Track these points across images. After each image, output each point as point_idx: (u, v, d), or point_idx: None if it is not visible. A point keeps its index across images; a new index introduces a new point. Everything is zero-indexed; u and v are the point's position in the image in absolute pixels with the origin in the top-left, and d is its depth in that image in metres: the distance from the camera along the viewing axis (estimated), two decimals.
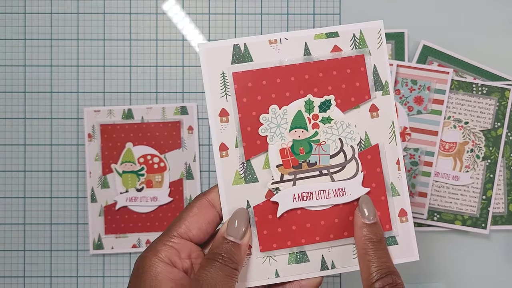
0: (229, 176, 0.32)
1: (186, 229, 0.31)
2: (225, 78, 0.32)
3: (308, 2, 0.62)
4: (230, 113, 0.32)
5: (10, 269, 0.63)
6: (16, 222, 0.63)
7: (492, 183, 0.60)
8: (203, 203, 0.32)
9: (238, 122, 0.32)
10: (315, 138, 0.33)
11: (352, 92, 0.33)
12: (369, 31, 0.33)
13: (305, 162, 0.33)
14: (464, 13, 0.62)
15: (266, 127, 0.32)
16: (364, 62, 0.33)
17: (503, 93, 0.60)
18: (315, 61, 0.33)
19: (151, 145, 0.61)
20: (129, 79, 0.63)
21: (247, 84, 0.32)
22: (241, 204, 0.33)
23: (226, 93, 0.32)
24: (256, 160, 0.33)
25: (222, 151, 0.32)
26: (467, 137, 0.61)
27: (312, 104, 0.33)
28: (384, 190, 0.33)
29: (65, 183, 0.63)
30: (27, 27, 0.63)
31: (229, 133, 0.32)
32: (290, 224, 0.33)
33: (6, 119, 0.63)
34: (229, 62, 0.33)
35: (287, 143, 0.33)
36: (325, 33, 0.33)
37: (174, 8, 0.63)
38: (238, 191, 0.32)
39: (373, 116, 0.33)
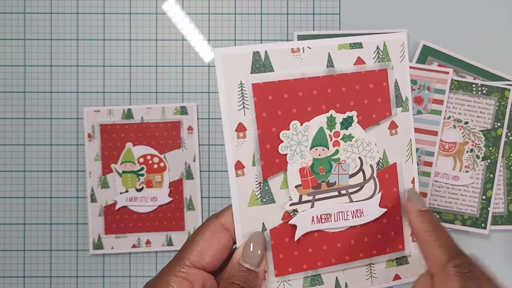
0: (245, 197, 0.30)
1: (199, 257, 0.28)
2: (244, 89, 0.29)
3: (308, 2, 0.62)
4: (248, 129, 0.29)
5: (10, 269, 0.63)
6: (16, 222, 0.63)
7: (492, 183, 0.60)
8: (216, 226, 0.29)
9: (256, 138, 0.29)
10: (336, 156, 0.31)
11: (373, 108, 0.31)
12: (393, 43, 0.32)
13: (324, 182, 0.31)
14: (464, 13, 0.62)
15: (286, 145, 0.30)
16: (387, 76, 0.31)
17: (502, 93, 0.60)
18: (339, 74, 0.30)
19: (151, 145, 0.61)
20: (129, 79, 0.63)
21: (267, 97, 0.29)
22: (257, 227, 0.30)
23: (244, 106, 0.29)
24: (273, 180, 0.30)
25: (238, 170, 0.29)
26: (467, 137, 0.61)
27: (334, 120, 0.30)
28: (399, 210, 0.32)
29: (65, 183, 0.63)
30: (27, 27, 0.63)
31: (246, 150, 0.29)
32: (307, 247, 0.31)
33: (6, 119, 0.63)
34: (248, 71, 0.29)
35: (307, 162, 0.30)
36: (349, 43, 0.31)
37: (174, 8, 0.63)
38: (253, 213, 0.30)
39: (392, 133, 0.32)
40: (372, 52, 0.31)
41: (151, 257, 0.62)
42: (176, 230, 0.62)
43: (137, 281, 0.62)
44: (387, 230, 0.32)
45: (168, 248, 0.61)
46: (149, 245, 0.62)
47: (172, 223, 0.62)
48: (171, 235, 0.62)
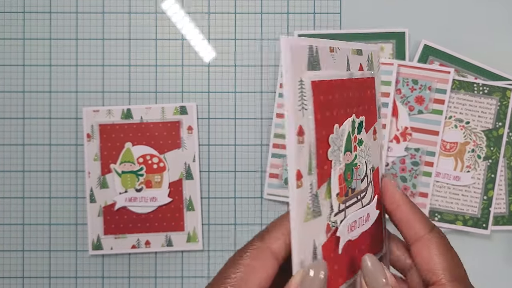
0: (301, 211, 0.25)
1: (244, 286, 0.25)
2: (303, 87, 0.25)
3: (309, 1, 0.62)
4: (307, 133, 0.25)
5: (9, 270, 0.63)
6: (15, 223, 0.63)
7: (494, 183, 0.60)
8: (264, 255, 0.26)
9: (314, 143, 0.26)
10: (355, 161, 0.29)
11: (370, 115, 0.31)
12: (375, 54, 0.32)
13: (350, 188, 0.29)
14: (466, 13, 0.62)
15: (333, 150, 0.27)
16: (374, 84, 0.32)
17: (504, 93, 0.60)
18: (355, 79, 0.29)
19: (151, 145, 0.61)
20: (128, 78, 0.62)
21: (320, 97, 0.26)
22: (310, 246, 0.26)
23: (303, 106, 0.25)
24: (321, 190, 0.26)
25: (298, 181, 0.25)
26: (468, 137, 0.60)
27: (355, 124, 0.29)
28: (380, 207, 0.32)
29: (64, 183, 0.63)
30: (25, 27, 0.63)
31: (304, 157, 0.25)
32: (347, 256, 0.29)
33: (4, 119, 0.63)
34: (305, 67, 0.25)
35: (342, 168, 0.28)
36: (356, 49, 0.30)
37: (173, 7, 0.63)
38: (307, 229, 0.26)
39: (374, 138, 0.32)
40: (366, 60, 0.31)
41: (150, 258, 0.62)
42: (175, 231, 0.61)
43: (137, 281, 0.62)
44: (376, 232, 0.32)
45: (167, 249, 0.61)
46: (148, 246, 0.61)
47: (171, 223, 0.61)
48: (171, 235, 0.61)
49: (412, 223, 0.30)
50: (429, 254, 0.29)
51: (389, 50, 0.61)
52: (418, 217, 0.30)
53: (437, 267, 0.28)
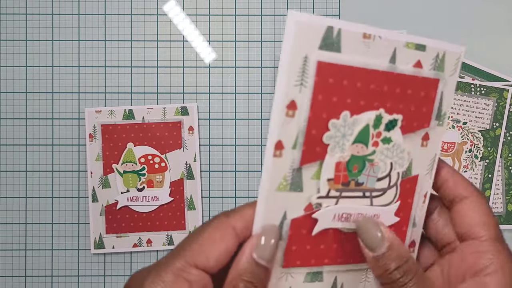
0: (276, 180, 0.27)
1: (203, 257, 0.25)
2: (306, 64, 0.26)
3: (308, 3, 0.62)
4: (299, 108, 0.26)
5: (11, 269, 0.63)
6: (18, 222, 0.63)
7: (491, 183, 0.60)
8: (227, 229, 0.26)
9: (306, 121, 0.26)
10: (371, 157, 0.29)
11: (417, 117, 0.29)
12: (451, 55, 0.30)
13: (354, 180, 0.28)
14: (464, 14, 0.62)
15: (332, 135, 0.27)
16: (437, 87, 0.29)
17: (501, 94, 0.60)
18: (398, 73, 0.28)
19: (152, 145, 0.61)
20: (130, 79, 0.63)
21: (328, 79, 0.26)
22: (278, 215, 0.27)
23: (303, 83, 0.26)
24: (307, 168, 0.27)
25: (277, 150, 0.26)
26: (465, 137, 0.61)
27: (381, 120, 0.28)
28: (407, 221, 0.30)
29: (66, 183, 0.63)
30: (28, 28, 0.63)
31: (291, 131, 0.26)
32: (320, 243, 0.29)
33: (8, 119, 0.63)
34: (316, 45, 0.26)
35: (345, 157, 0.28)
36: (415, 43, 0.29)
37: (174, 9, 0.63)
38: (279, 198, 0.27)
39: (423, 145, 0.30)
40: (432, 58, 0.29)
41: (152, 257, 0.63)
42: (176, 230, 0.62)
43: None
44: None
45: (169, 248, 0.62)
46: (150, 245, 0.62)
47: (173, 222, 0.62)
48: (172, 234, 0.62)
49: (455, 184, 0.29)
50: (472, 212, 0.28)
51: None
52: (460, 179, 0.30)
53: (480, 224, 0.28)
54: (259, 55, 0.62)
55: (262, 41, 0.62)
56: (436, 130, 0.30)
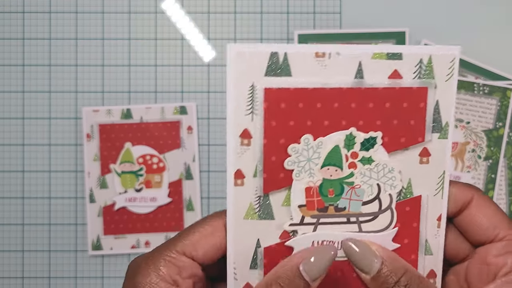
0: (242, 208, 0.27)
1: (191, 247, 0.27)
2: (255, 92, 0.26)
3: (309, 1, 0.62)
4: (254, 136, 0.26)
5: (8, 270, 0.63)
6: (15, 223, 0.63)
7: (494, 184, 0.60)
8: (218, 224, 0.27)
9: (261, 148, 0.27)
10: (350, 180, 0.27)
11: (403, 131, 0.27)
12: (441, 58, 0.27)
13: (332, 205, 0.28)
14: (466, 12, 0.62)
15: (294, 160, 0.27)
16: (426, 96, 0.27)
17: (504, 93, 0.60)
18: (367, 88, 0.27)
19: (150, 145, 0.61)
20: (128, 78, 0.62)
21: (279, 105, 0.26)
22: (251, 242, 0.27)
23: (253, 111, 0.26)
24: (275, 195, 0.27)
25: (238, 179, 0.27)
26: (468, 137, 0.60)
27: (354, 140, 0.27)
28: (416, 248, 0.28)
29: (64, 183, 0.62)
30: (25, 27, 0.63)
31: (249, 159, 0.27)
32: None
33: (4, 119, 0.63)
34: (262, 73, 0.26)
35: (315, 182, 0.27)
36: (386, 52, 0.27)
37: (173, 7, 0.63)
38: (248, 226, 0.27)
39: (422, 161, 0.28)
40: (413, 65, 0.27)
41: None
42: (175, 231, 0.61)
43: None
44: None
45: None
46: (148, 246, 0.61)
47: (171, 223, 0.61)
48: (171, 235, 0.61)
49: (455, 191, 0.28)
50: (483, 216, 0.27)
51: None
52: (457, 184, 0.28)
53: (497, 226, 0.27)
54: None
55: (262, 40, 0.62)
56: (438, 144, 0.28)
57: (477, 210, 0.28)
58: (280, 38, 0.62)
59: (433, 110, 0.27)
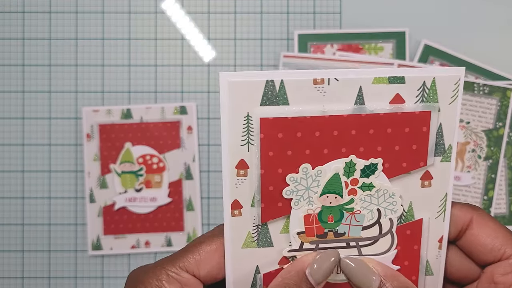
0: (239, 238, 0.27)
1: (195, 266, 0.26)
2: (250, 122, 0.25)
3: (309, 1, 0.62)
4: (251, 167, 0.26)
5: (8, 270, 0.62)
6: (15, 223, 0.62)
7: (494, 184, 0.60)
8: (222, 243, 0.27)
9: (259, 179, 0.26)
10: (350, 206, 0.27)
11: (405, 156, 0.27)
12: (445, 80, 0.26)
13: (332, 231, 0.27)
14: (466, 12, 0.62)
15: (292, 189, 0.26)
16: (429, 121, 0.26)
17: (504, 93, 0.60)
18: (368, 114, 0.26)
19: (150, 145, 0.61)
20: (128, 78, 0.62)
21: (277, 135, 0.26)
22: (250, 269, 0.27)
23: (249, 141, 0.26)
24: (274, 224, 0.27)
25: (235, 210, 0.26)
26: (468, 137, 0.60)
27: (354, 167, 0.27)
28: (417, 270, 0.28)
29: (64, 183, 0.62)
30: (25, 27, 0.63)
31: (246, 190, 0.26)
32: None
33: (4, 119, 0.63)
34: (257, 102, 0.25)
35: (314, 209, 0.27)
36: (387, 77, 0.26)
37: (173, 7, 0.63)
38: (247, 254, 0.27)
39: (424, 185, 0.27)
40: (416, 89, 0.26)
41: (150, 258, 0.62)
42: (175, 231, 0.61)
43: None
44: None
45: (167, 249, 0.61)
46: (148, 246, 0.61)
47: (171, 223, 0.61)
48: (171, 235, 0.61)
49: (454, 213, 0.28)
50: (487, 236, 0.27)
51: (389, 50, 0.61)
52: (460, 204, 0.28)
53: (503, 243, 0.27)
54: (259, 53, 0.62)
55: (262, 39, 0.62)
56: (441, 167, 0.27)
57: (479, 230, 0.27)
58: (280, 38, 0.62)
59: (435, 134, 0.27)
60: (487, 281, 0.27)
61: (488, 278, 0.27)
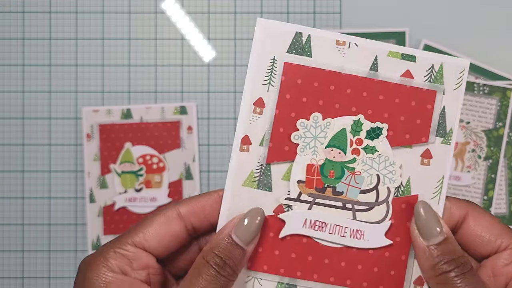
0: (242, 175, 0.28)
1: (142, 239, 0.27)
2: (275, 65, 0.28)
3: (309, 1, 0.62)
4: (267, 106, 0.28)
5: (8, 270, 0.62)
6: (15, 223, 0.62)
7: (494, 184, 0.60)
8: (171, 213, 0.27)
9: (272, 118, 0.28)
10: (351, 165, 0.28)
11: (409, 128, 0.28)
12: (451, 67, 0.28)
13: (331, 187, 0.28)
14: (466, 12, 0.62)
15: (300, 135, 0.28)
16: (434, 99, 0.28)
17: (504, 93, 0.60)
18: (380, 80, 0.28)
19: (150, 145, 0.61)
20: (128, 78, 0.62)
21: (296, 80, 0.28)
22: (245, 209, 0.28)
23: (271, 82, 0.28)
24: (277, 167, 0.28)
25: (244, 145, 0.28)
26: (468, 137, 0.60)
27: (361, 126, 0.28)
28: (407, 249, 0.28)
29: (64, 184, 0.62)
30: (25, 27, 0.63)
31: (258, 127, 0.28)
32: (291, 251, 0.28)
33: (4, 119, 0.63)
34: (285, 49, 0.28)
35: (318, 160, 0.28)
36: (401, 53, 0.28)
37: (173, 7, 0.63)
38: (245, 194, 0.28)
39: (424, 163, 0.28)
40: (425, 69, 0.29)
41: None
42: None
43: None
44: (387, 267, 0.28)
45: None
46: None
47: None
48: None
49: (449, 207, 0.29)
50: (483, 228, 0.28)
51: None
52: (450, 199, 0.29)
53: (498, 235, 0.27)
54: None
55: None
56: (441, 149, 0.29)
57: (474, 223, 0.28)
58: None
59: (439, 114, 0.29)
60: (486, 275, 0.27)
61: (487, 272, 0.27)
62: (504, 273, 0.27)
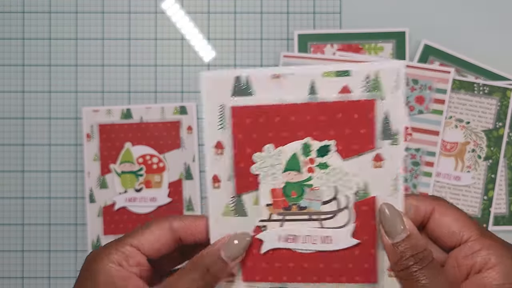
0: (219, 207, 0.33)
1: (139, 242, 0.32)
2: (224, 110, 0.32)
3: (309, 1, 0.62)
4: (226, 147, 0.32)
5: (8, 270, 0.63)
6: (15, 223, 0.63)
7: (494, 184, 0.60)
8: (164, 225, 0.33)
9: (231, 157, 0.32)
10: (308, 182, 0.32)
11: (355, 139, 0.31)
12: (386, 72, 0.30)
13: (296, 205, 0.32)
14: (466, 12, 0.62)
15: (258, 166, 0.32)
16: (373, 107, 0.31)
17: (504, 93, 0.60)
18: (319, 102, 0.31)
19: (150, 145, 0.61)
20: (128, 78, 0.62)
21: (244, 120, 0.32)
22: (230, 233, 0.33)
23: (224, 126, 0.32)
24: (247, 196, 0.33)
25: (215, 183, 0.33)
26: (468, 137, 0.60)
27: (309, 148, 0.31)
28: (374, 244, 0.31)
29: (64, 183, 0.62)
30: (25, 27, 0.63)
31: (223, 166, 0.32)
32: (274, 261, 0.33)
33: (4, 119, 0.63)
34: (229, 94, 0.32)
35: (279, 184, 0.32)
36: (335, 71, 0.31)
37: (173, 7, 0.63)
38: (227, 222, 0.33)
39: (376, 166, 0.31)
40: (361, 80, 0.31)
41: None
42: None
43: None
44: (360, 261, 0.32)
45: None
46: None
47: None
48: None
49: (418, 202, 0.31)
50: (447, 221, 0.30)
51: (389, 50, 0.61)
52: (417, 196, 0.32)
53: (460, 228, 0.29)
54: (259, 53, 0.62)
55: (262, 39, 0.62)
56: (391, 150, 0.31)
57: (440, 217, 0.30)
58: (280, 38, 0.62)
59: (382, 120, 0.31)
60: (451, 265, 0.30)
61: (452, 262, 0.30)
62: (465, 264, 0.29)
